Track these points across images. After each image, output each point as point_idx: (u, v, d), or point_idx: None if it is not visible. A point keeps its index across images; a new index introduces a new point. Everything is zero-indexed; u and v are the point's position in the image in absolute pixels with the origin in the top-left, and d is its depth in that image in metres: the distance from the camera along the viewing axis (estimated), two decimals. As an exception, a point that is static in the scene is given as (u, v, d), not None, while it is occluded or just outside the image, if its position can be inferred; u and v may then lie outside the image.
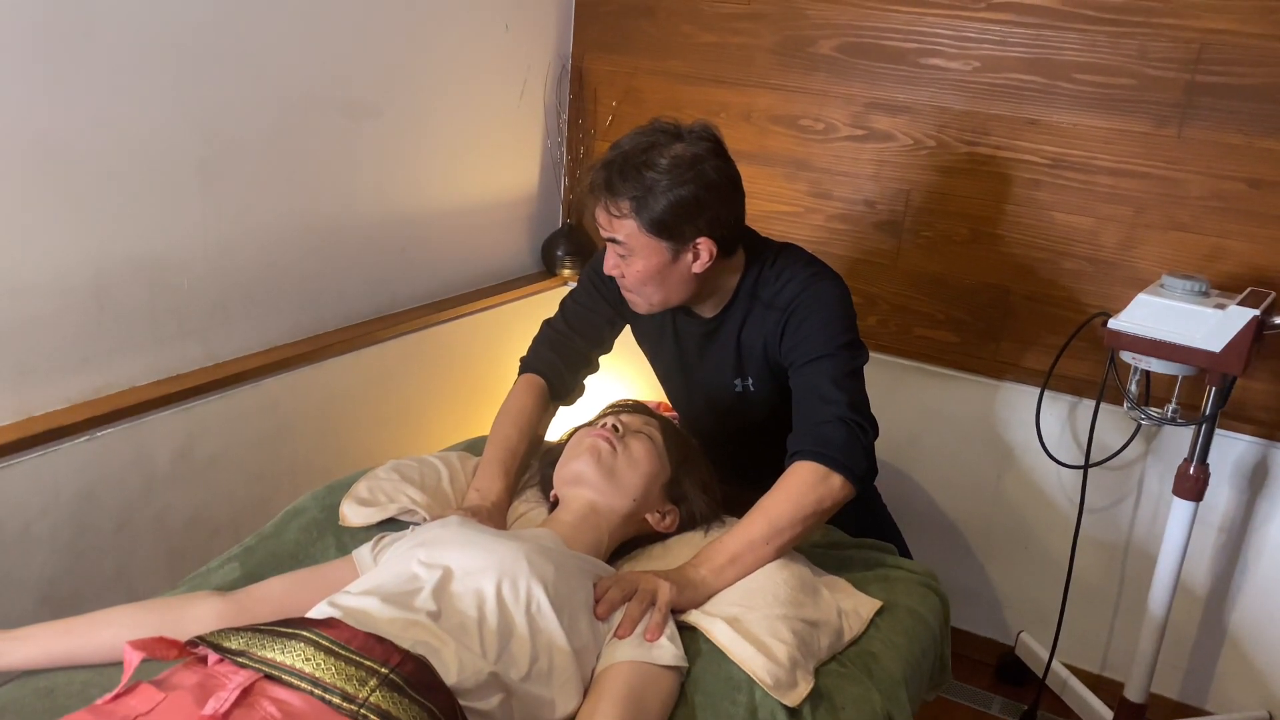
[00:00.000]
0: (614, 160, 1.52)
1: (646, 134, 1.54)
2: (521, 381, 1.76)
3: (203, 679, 0.97)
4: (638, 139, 1.54)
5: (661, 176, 1.49)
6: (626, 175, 1.50)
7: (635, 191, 1.50)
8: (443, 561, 1.18)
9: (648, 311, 1.66)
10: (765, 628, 1.28)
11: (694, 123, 1.56)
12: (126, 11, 1.64)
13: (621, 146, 1.53)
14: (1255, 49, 1.98)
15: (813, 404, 1.51)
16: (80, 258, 1.67)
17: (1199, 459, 1.95)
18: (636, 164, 1.50)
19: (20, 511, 1.63)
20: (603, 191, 1.53)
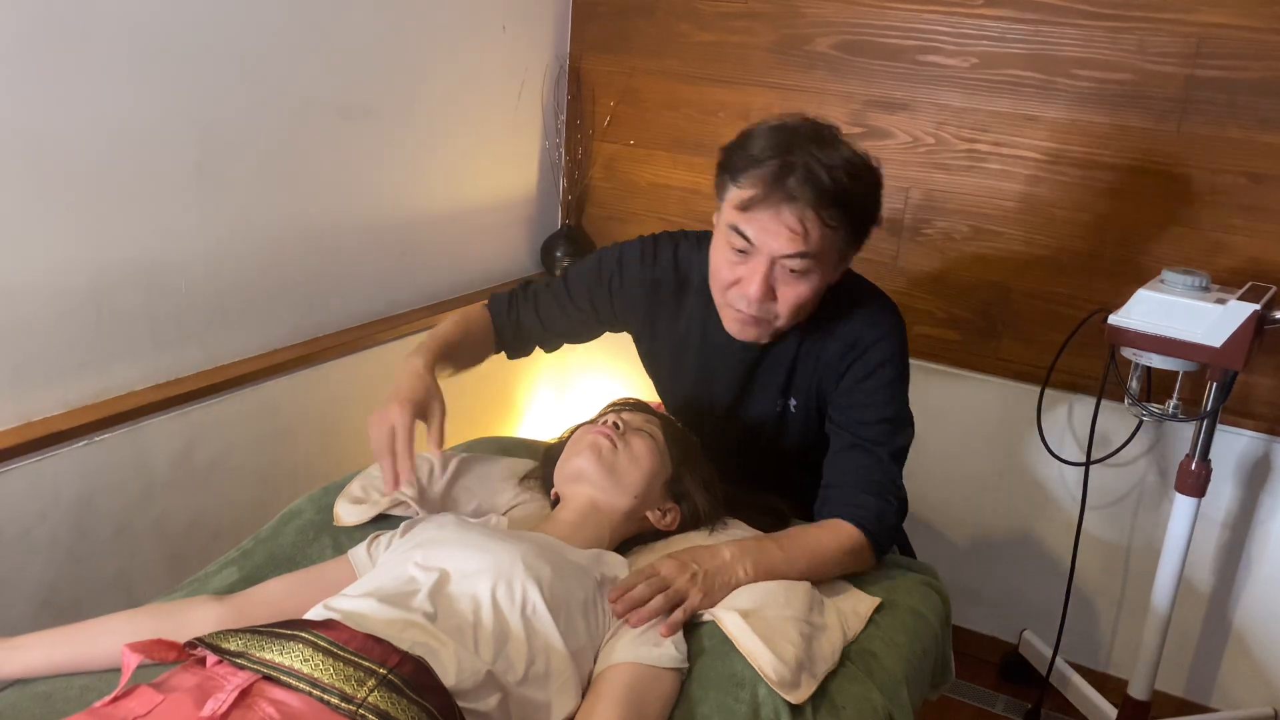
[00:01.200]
0: (826, 164, 1.33)
1: (813, 131, 1.37)
2: (480, 312, 1.71)
3: (201, 680, 0.96)
4: (815, 137, 1.36)
5: (863, 186, 1.37)
6: (845, 184, 1.34)
7: (855, 199, 1.36)
8: (439, 563, 1.18)
9: (758, 340, 1.50)
10: (775, 627, 1.28)
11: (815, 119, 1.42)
12: (123, 14, 1.64)
13: (811, 148, 1.34)
14: (1254, 42, 1.98)
15: (868, 470, 1.49)
16: (78, 261, 1.67)
17: (1201, 455, 1.94)
18: (846, 169, 1.34)
19: (19, 517, 1.62)
20: (822, 199, 1.33)
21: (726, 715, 1.20)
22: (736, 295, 1.43)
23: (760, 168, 1.35)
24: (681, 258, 1.61)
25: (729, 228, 1.40)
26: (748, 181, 1.36)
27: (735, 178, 1.38)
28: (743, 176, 1.37)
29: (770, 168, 1.34)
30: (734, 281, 1.42)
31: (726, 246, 1.41)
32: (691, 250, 1.61)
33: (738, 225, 1.38)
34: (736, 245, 1.39)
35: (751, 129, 1.41)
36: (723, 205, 1.42)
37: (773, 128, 1.39)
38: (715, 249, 1.45)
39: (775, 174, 1.33)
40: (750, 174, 1.36)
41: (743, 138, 1.41)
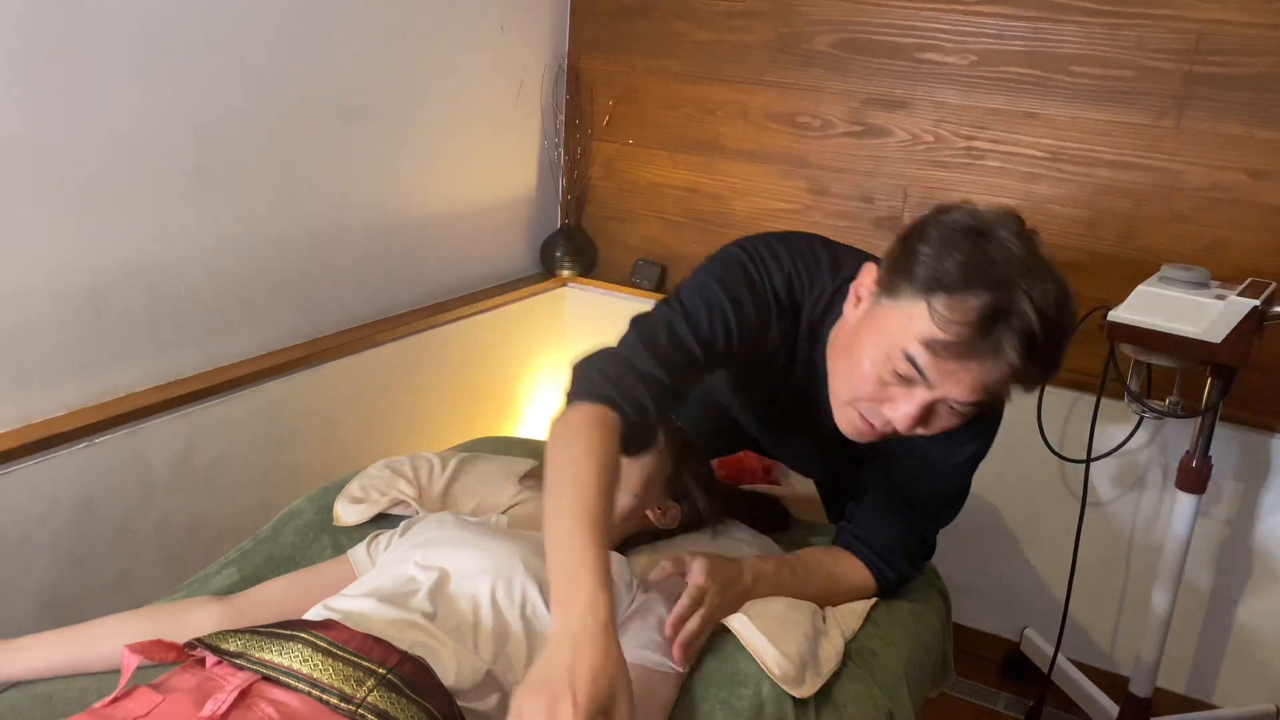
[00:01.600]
0: (1039, 306, 1.10)
1: (1022, 249, 1.12)
2: (590, 414, 1.17)
3: (200, 681, 0.96)
4: (1026, 260, 1.12)
5: (1069, 330, 1.16)
6: (1055, 336, 1.13)
7: (1061, 354, 1.16)
8: (439, 563, 1.18)
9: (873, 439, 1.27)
10: (780, 625, 1.29)
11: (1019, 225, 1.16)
12: (121, 17, 1.64)
13: (1025, 280, 1.10)
14: (1253, 38, 1.97)
15: (905, 537, 1.47)
16: (77, 264, 1.67)
17: (1201, 452, 1.94)
18: (1058, 309, 1.13)
19: (20, 519, 1.62)
20: (1032, 360, 1.11)
21: (729, 713, 1.20)
22: (872, 409, 1.21)
23: (963, 300, 1.09)
24: (799, 296, 1.34)
25: (901, 351, 1.14)
26: (945, 313, 1.10)
27: (925, 293, 1.12)
28: (937, 300, 1.11)
29: (978, 307, 1.09)
30: (880, 399, 1.19)
31: (884, 361, 1.16)
32: (803, 290, 1.34)
33: (915, 359, 1.13)
34: (902, 371, 1.15)
35: (939, 225, 1.15)
36: (889, 306, 1.16)
37: (974, 238, 1.12)
38: (862, 350, 1.19)
39: (984, 319, 1.09)
40: (948, 303, 1.10)
41: (933, 240, 1.14)
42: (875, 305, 1.19)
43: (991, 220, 1.14)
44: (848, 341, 1.23)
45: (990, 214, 1.15)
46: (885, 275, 1.18)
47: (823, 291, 1.33)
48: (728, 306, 1.29)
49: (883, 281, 1.18)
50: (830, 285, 1.33)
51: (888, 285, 1.17)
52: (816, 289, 1.33)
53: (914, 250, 1.14)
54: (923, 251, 1.13)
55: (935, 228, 1.15)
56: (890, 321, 1.15)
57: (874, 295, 1.20)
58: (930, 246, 1.13)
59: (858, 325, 1.21)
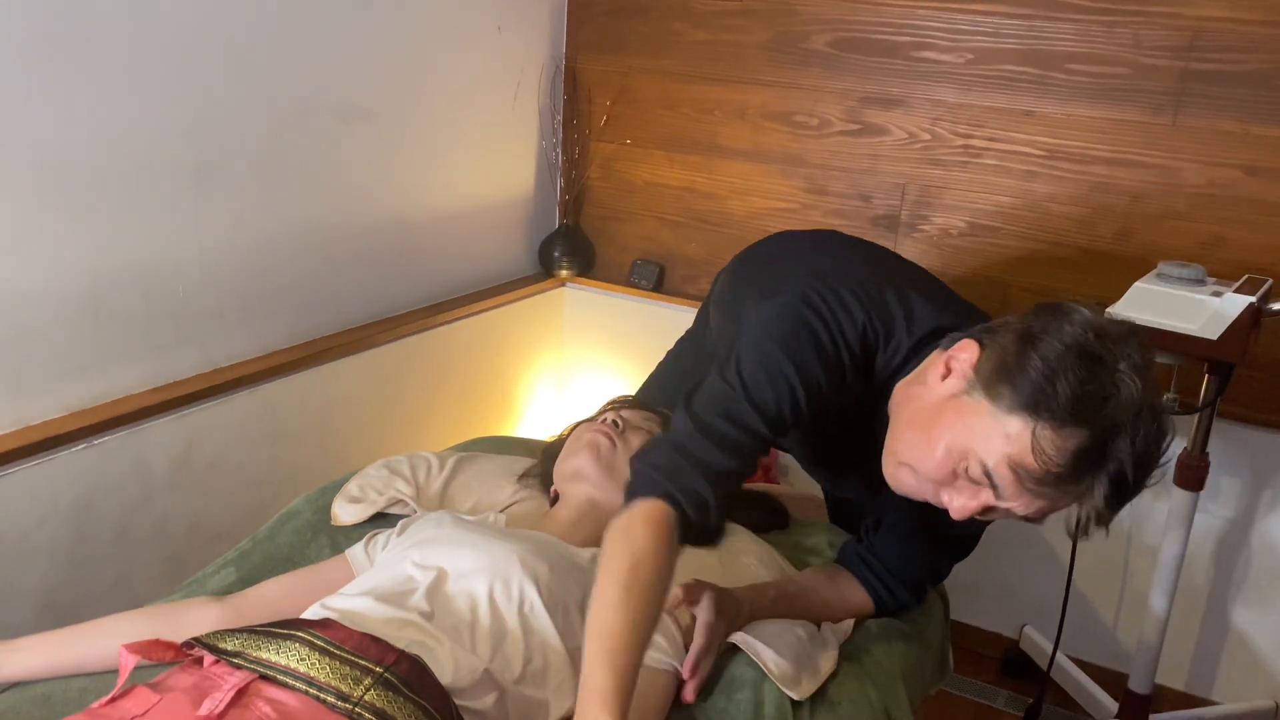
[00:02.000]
0: (1141, 459, 1.06)
1: (1141, 390, 1.05)
2: (647, 513, 1.13)
3: (198, 680, 0.97)
4: (1143, 402, 1.04)
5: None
6: (1142, 485, 1.09)
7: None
8: (436, 562, 1.18)
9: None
10: (775, 631, 1.30)
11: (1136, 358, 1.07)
12: (119, 19, 1.64)
13: (1135, 426, 1.04)
14: (1249, 35, 1.98)
15: (919, 565, 1.47)
16: (75, 266, 1.67)
17: (1199, 448, 1.94)
18: (1155, 457, 1.08)
19: (18, 521, 1.63)
20: (1110, 511, 1.08)
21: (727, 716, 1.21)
22: (924, 488, 1.16)
23: (1065, 435, 1.04)
24: (875, 365, 1.27)
25: (981, 461, 1.08)
26: (1044, 445, 1.04)
27: (1029, 414, 1.05)
28: (1041, 429, 1.04)
29: (1076, 447, 1.04)
30: (938, 484, 1.14)
31: (960, 458, 1.10)
32: (877, 344, 1.27)
33: (994, 475, 1.08)
34: (974, 475, 1.10)
35: (1059, 339, 1.06)
36: (983, 406, 1.09)
37: (1093, 366, 1.04)
38: (939, 433, 1.12)
39: (1080, 459, 1.04)
40: (1050, 436, 1.04)
41: (1050, 357, 1.05)
42: (968, 394, 1.11)
43: (1113, 344, 1.05)
44: (925, 414, 1.15)
45: (1112, 333, 1.06)
46: (989, 371, 1.09)
47: (898, 348, 1.25)
48: (794, 378, 1.20)
49: (983, 376, 1.10)
50: (906, 341, 1.25)
51: (988, 384, 1.09)
52: (892, 345, 1.25)
53: (1026, 360, 1.06)
54: (1035, 365, 1.05)
55: (1055, 340, 1.06)
56: (979, 423, 1.08)
57: (968, 382, 1.11)
58: (1044, 363, 1.05)
59: (941, 404, 1.13)
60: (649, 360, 2.75)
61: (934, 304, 1.28)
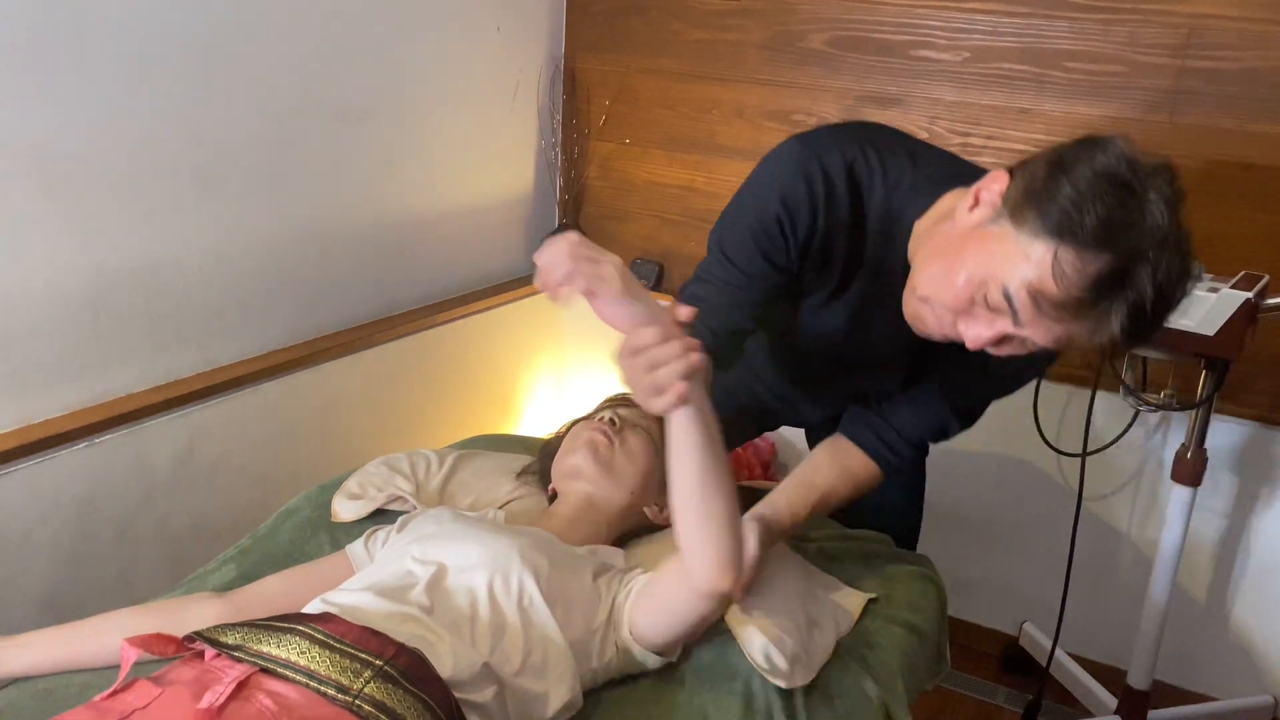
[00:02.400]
0: (1162, 288, 1.04)
1: (1172, 219, 1.04)
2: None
3: (199, 673, 0.97)
4: (1170, 233, 1.03)
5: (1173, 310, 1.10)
6: (1162, 320, 1.09)
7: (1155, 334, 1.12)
8: (436, 557, 1.19)
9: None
10: (771, 616, 1.30)
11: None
12: (119, 20, 1.65)
13: (1160, 255, 1.03)
14: (1244, 32, 1.98)
15: (937, 414, 1.46)
16: (76, 266, 1.68)
17: (1196, 444, 1.95)
18: (1178, 291, 1.08)
19: (21, 519, 1.63)
20: (1127, 343, 1.08)
21: (720, 707, 1.21)
22: (945, 317, 1.16)
23: (1087, 260, 1.03)
24: (862, 190, 1.27)
25: (1001, 285, 1.07)
26: (1065, 268, 1.03)
27: (1053, 238, 1.04)
28: (1064, 251, 1.03)
29: (1098, 271, 1.02)
30: (959, 313, 1.13)
31: (980, 284, 1.10)
32: (869, 179, 1.27)
33: (1014, 299, 1.07)
34: (993, 302, 1.09)
35: (1092, 167, 1.05)
36: (1008, 232, 1.08)
37: (1123, 194, 1.03)
38: (962, 262, 1.11)
39: (1100, 284, 1.03)
40: (1073, 259, 1.03)
41: (1081, 183, 1.04)
42: (994, 222, 1.10)
43: (1145, 176, 1.04)
44: (949, 246, 1.14)
45: (1145, 166, 1.05)
46: (1017, 197, 1.08)
47: (898, 181, 1.25)
48: (758, 209, 1.28)
49: (1011, 202, 1.08)
50: (910, 174, 1.25)
51: (1015, 210, 1.07)
52: (891, 177, 1.25)
53: (1056, 186, 1.05)
54: (1065, 192, 1.04)
55: (1086, 168, 1.04)
56: (1003, 248, 1.07)
57: (995, 210, 1.10)
58: (1075, 189, 1.03)
59: (966, 233, 1.12)
60: (648, 359, 2.76)
61: (949, 157, 1.31)
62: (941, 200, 1.22)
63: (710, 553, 1.10)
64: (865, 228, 1.27)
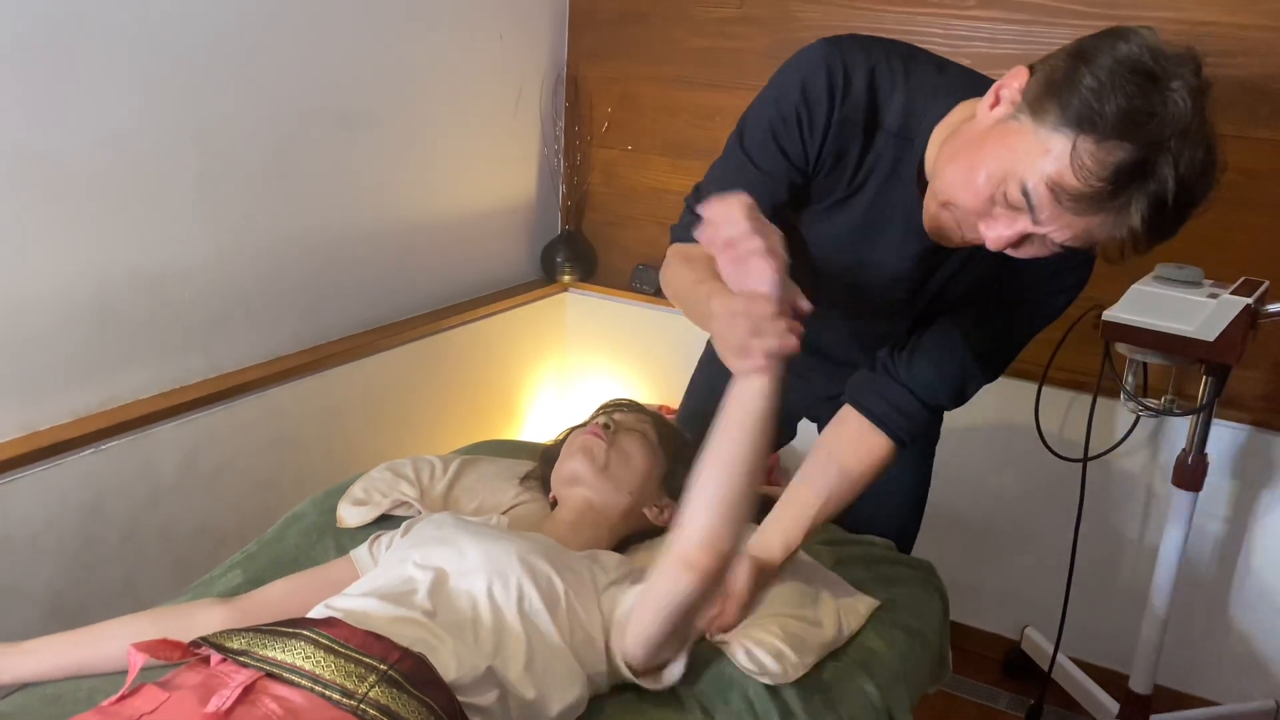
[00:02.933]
0: (1185, 176, 1.01)
1: (1194, 105, 1.00)
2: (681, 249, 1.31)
3: (205, 678, 0.98)
4: (1192, 120, 1.00)
5: (1202, 204, 1.07)
6: (1187, 211, 1.06)
7: (1180, 228, 1.08)
8: (437, 562, 1.20)
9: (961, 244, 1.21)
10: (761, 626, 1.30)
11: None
12: (123, 27, 1.67)
13: (1182, 144, 1.00)
14: (1246, 39, 1.99)
15: (956, 369, 1.39)
16: (82, 273, 1.69)
17: (1197, 449, 1.95)
18: (1202, 181, 1.04)
19: (27, 524, 1.65)
20: (1151, 236, 1.06)
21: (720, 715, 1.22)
22: (966, 219, 1.14)
23: (1108, 150, 1.00)
24: (881, 92, 1.26)
25: (1020, 181, 1.05)
26: (1085, 160, 1.01)
27: (1073, 129, 1.01)
28: (1084, 142, 1.01)
29: (1118, 162, 1.00)
30: (979, 215, 1.11)
31: (1000, 182, 1.08)
32: (889, 82, 1.26)
33: (1032, 195, 1.05)
34: (1013, 199, 1.07)
35: (1113, 57, 1.01)
36: (1028, 127, 1.05)
37: (1145, 83, 1.00)
38: (981, 160, 1.09)
39: (1121, 174, 1.00)
40: (1093, 150, 1.00)
41: (1102, 72, 1.00)
42: (1013, 118, 1.07)
43: (1169, 65, 1.01)
44: (971, 144, 1.12)
45: (1170, 55, 1.02)
46: (1037, 90, 1.05)
47: (919, 85, 1.24)
48: (774, 102, 1.29)
49: (1031, 97, 1.06)
50: (932, 80, 1.25)
51: (1035, 104, 1.05)
52: (913, 80, 1.24)
53: (1077, 77, 1.01)
54: (1085, 83, 1.00)
55: (1108, 58, 1.01)
56: (1022, 144, 1.05)
57: (1015, 106, 1.07)
58: (1096, 79, 1.00)
59: (986, 131, 1.10)
60: (651, 364, 2.77)
61: (975, 73, 1.28)
62: (961, 106, 1.21)
63: (701, 521, 1.10)
64: (881, 130, 1.26)
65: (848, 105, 1.25)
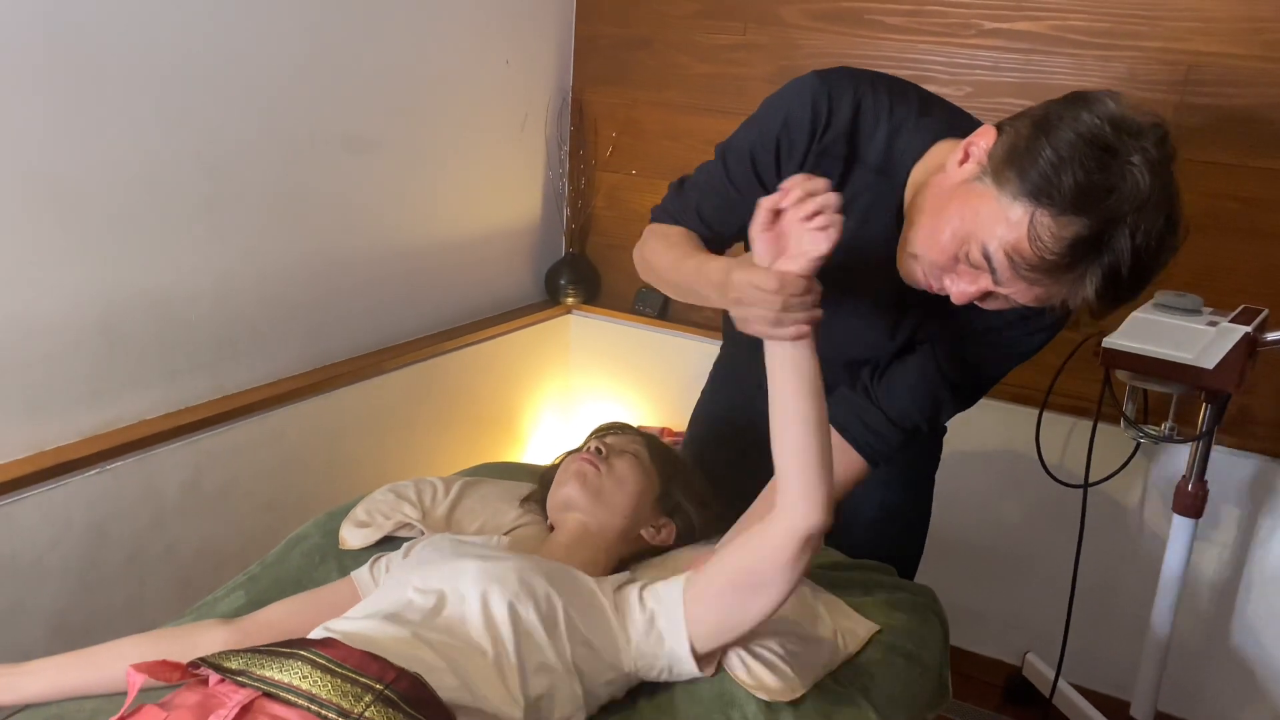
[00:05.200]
0: (1141, 254, 1.04)
1: (1159, 184, 1.03)
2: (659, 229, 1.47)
3: (204, 698, 0.99)
4: (1155, 194, 1.03)
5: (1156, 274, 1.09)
6: (1141, 285, 1.08)
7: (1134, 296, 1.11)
8: (435, 585, 1.20)
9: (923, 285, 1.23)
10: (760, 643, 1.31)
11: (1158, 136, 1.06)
12: (133, 52, 1.69)
13: (1140, 218, 1.03)
14: (1243, 70, 2.01)
15: (931, 396, 1.42)
16: (90, 294, 1.71)
17: (1197, 476, 1.95)
18: (1157, 259, 1.07)
19: (32, 543, 1.66)
20: (1104, 307, 1.09)
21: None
22: (931, 275, 1.18)
23: (1063, 225, 1.03)
24: (863, 125, 1.27)
25: (981, 244, 1.09)
26: (1040, 233, 1.04)
27: (1030, 201, 1.04)
28: (1040, 215, 1.04)
29: (1073, 236, 1.03)
30: (941, 269, 1.16)
31: (963, 242, 1.11)
32: (873, 117, 1.27)
33: (992, 259, 1.09)
34: (974, 260, 1.11)
35: (1074, 129, 1.03)
36: (990, 192, 1.08)
37: (1104, 157, 1.02)
38: (947, 219, 1.12)
39: (1075, 247, 1.03)
40: (1049, 224, 1.03)
41: (1061, 145, 1.03)
42: (979, 179, 1.10)
43: (1129, 137, 1.03)
44: (938, 201, 1.15)
45: (1132, 126, 1.04)
46: (1001, 156, 1.08)
47: (901, 123, 1.26)
48: (758, 125, 1.35)
49: (995, 161, 1.09)
50: (914, 119, 1.27)
51: (998, 170, 1.08)
52: (896, 116, 1.26)
53: (1038, 147, 1.04)
54: (1045, 155, 1.03)
55: (1069, 130, 1.04)
56: (984, 208, 1.09)
57: (981, 168, 1.10)
58: (1055, 152, 1.03)
59: (953, 189, 1.13)
60: (653, 387, 2.78)
61: (956, 110, 1.33)
62: (937, 147, 1.24)
63: (803, 487, 1.14)
64: (861, 164, 1.28)
65: (828, 137, 1.28)
